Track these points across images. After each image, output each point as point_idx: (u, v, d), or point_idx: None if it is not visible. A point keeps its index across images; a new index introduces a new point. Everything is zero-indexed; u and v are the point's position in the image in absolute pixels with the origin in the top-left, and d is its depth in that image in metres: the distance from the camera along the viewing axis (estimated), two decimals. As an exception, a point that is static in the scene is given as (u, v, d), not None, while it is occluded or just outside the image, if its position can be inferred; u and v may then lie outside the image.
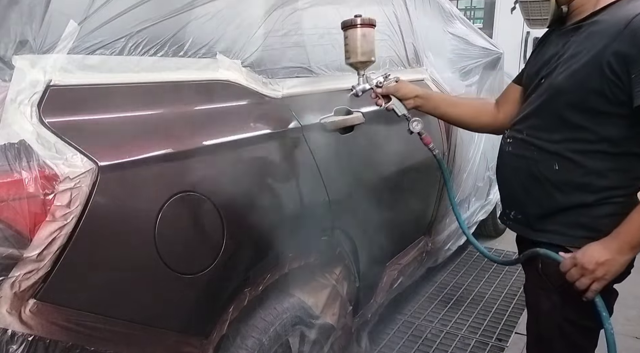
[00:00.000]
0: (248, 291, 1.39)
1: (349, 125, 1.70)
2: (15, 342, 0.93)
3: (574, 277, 1.28)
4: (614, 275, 1.24)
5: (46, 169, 0.93)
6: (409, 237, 2.36)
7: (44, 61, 1.00)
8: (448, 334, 2.58)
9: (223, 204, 1.24)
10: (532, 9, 1.40)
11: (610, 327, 1.27)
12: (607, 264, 1.23)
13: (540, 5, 1.37)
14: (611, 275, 1.24)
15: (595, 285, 1.25)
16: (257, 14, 1.48)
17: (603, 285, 1.25)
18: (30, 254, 0.92)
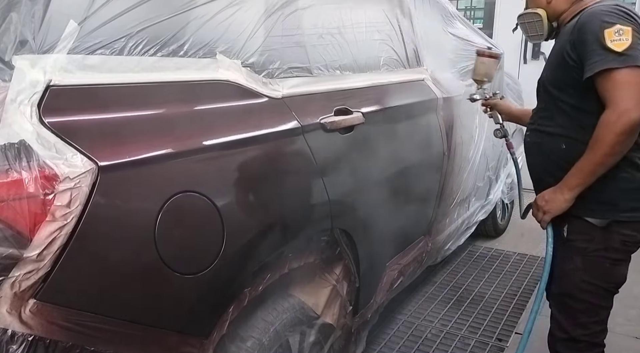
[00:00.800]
0: (248, 291, 1.39)
1: (349, 125, 1.70)
2: (15, 342, 0.93)
3: (533, 212, 1.76)
4: (557, 209, 1.63)
5: (46, 169, 0.93)
6: (409, 237, 2.36)
7: (44, 61, 1.00)
8: (448, 334, 2.58)
9: (223, 204, 1.24)
10: (530, 28, 1.76)
11: (550, 249, 1.75)
12: (550, 200, 1.64)
13: (536, 24, 1.73)
14: (554, 208, 1.63)
15: (545, 217, 1.68)
16: (257, 14, 1.48)
17: (550, 217, 1.67)
18: (30, 254, 0.92)
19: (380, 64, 2.06)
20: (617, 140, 1.46)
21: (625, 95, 1.44)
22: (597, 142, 1.49)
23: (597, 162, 1.51)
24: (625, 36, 1.44)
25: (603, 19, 1.47)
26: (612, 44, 1.44)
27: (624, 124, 1.43)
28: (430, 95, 2.33)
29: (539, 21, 1.71)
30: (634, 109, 1.42)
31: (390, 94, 2.05)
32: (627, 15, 1.49)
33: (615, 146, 1.47)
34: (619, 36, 1.44)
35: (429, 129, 2.30)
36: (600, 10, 1.51)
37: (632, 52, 1.44)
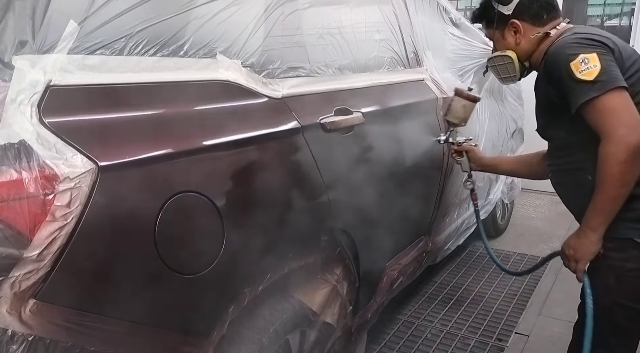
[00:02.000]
0: (248, 291, 1.39)
1: (349, 125, 1.70)
2: (15, 342, 0.93)
3: (565, 264, 1.60)
4: (589, 254, 1.51)
5: (46, 168, 0.93)
6: (409, 237, 2.36)
7: (44, 61, 1.00)
8: (448, 334, 2.58)
9: (223, 204, 1.24)
10: (501, 70, 1.76)
11: (590, 301, 1.54)
12: (577, 247, 1.53)
13: (507, 66, 1.73)
14: (585, 254, 1.52)
15: (578, 266, 1.54)
16: (257, 14, 1.48)
17: (584, 264, 1.53)
18: (30, 254, 0.92)
19: (380, 64, 2.06)
20: (623, 170, 1.39)
21: (614, 122, 1.39)
22: (604, 178, 1.42)
23: (611, 197, 1.43)
24: (592, 63, 1.42)
25: (566, 53, 1.47)
26: (582, 75, 1.42)
27: (624, 152, 1.37)
28: (430, 95, 2.33)
29: (510, 63, 1.72)
30: (629, 133, 1.37)
31: (390, 94, 2.05)
32: (589, 42, 1.48)
33: (623, 176, 1.40)
34: (585, 65, 1.42)
35: (429, 129, 2.30)
36: (562, 45, 1.51)
37: (604, 76, 1.41)
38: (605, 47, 1.47)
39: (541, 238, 3.71)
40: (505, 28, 1.71)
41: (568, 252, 1.56)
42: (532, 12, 1.68)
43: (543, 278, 3.15)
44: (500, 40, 1.75)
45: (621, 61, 1.48)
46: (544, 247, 3.59)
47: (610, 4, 4.99)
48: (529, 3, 1.68)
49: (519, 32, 1.68)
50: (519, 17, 1.68)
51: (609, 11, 5.04)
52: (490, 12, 1.75)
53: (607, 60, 1.44)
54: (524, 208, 4.26)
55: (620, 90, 1.41)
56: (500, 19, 1.71)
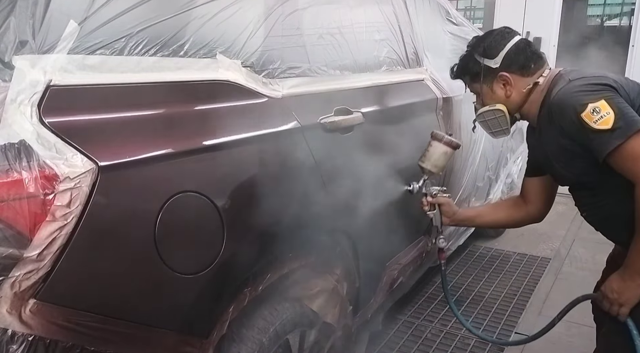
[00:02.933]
0: (248, 291, 1.39)
1: (349, 125, 1.70)
2: (15, 342, 0.93)
3: (606, 307, 1.53)
4: (635, 298, 1.45)
5: (46, 168, 0.93)
6: (409, 237, 2.36)
7: (44, 61, 1.00)
8: (448, 334, 2.58)
9: (223, 204, 1.24)
10: (492, 124, 1.69)
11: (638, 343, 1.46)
12: (622, 290, 1.46)
13: (499, 120, 1.66)
14: (631, 298, 1.46)
15: (622, 309, 1.48)
16: (257, 14, 1.48)
17: (629, 308, 1.47)
18: (30, 254, 0.92)
19: (380, 64, 2.06)
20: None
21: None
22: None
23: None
24: (604, 111, 1.38)
25: (572, 105, 1.42)
26: (598, 125, 1.38)
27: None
28: (430, 95, 2.33)
29: (501, 116, 1.66)
30: None
31: (390, 94, 2.05)
32: (591, 88, 1.44)
33: None
34: (598, 114, 1.38)
35: (429, 129, 2.30)
36: (565, 97, 1.46)
37: (621, 122, 1.37)
38: (610, 89, 1.43)
39: (541, 238, 3.70)
40: (494, 81, 1.65)
41: (612, 295, 1.50)
42: (520, 63, 1.63)
43: (543, 278, 3.15)
44: (489, 94, 1.68)
45: (627, 97, 1.45)
46: (544, 247, 3.59)
47: (610, 4, 4.99)
48: (515, 54, 1.63)
49: (508, 85, 1.63)
50: (507, 70, 1.63)
51: (609, 11, 5.05)
52: (474, 66, 1.69)
53: (618, 103, 1.39)
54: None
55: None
56: (487, 73, 1.66)
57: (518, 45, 1.64)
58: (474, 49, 1.70)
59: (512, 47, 1.63)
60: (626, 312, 1.48)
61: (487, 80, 1.66)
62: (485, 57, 1.65)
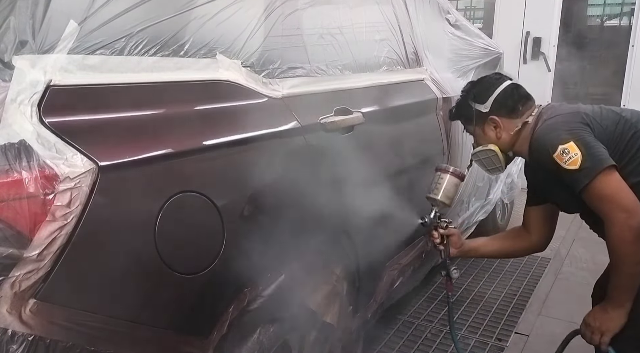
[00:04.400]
0: (248, 291, 1.39)
1: (349, 125, 1.70)
2: (15, 341, 0.93)
3: (587, 336, 1.62)
4: (614, 328, 1.54)
5: (46, 168, 0.93)
6: (409, 237, 2.36)
7: (44, 61, 1.00)
8: (448, 334, 2.58)
9: (223, 204, 1.24)
10: (487, 163, 1.80)
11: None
12: (604, 320, 1.56)
13: (492, 159, 1.77)
14: (611, 327, 1.54)
15: (604, 338, 1.56)
16: (257, 14, 1.48)
17: (609, 337, 1.55)
18: (30, 254, 0.92)
19: (380, 64, 2.06)
20: (633, 250, 1.44)
21: (612, 206, 1.45)
22: (617, 259, 1.48)
23: (628, 274, 1.48)
24: (572, 152, 1.47)
25: (545, 147, 1.53)
26: (567, 165, 1.48)
27: (629, 234, 1.42)
28: (430, 95, 2.33)
29: (494, 156, 1.76)
30: (630, 217, 1.42)
31: (390, 94, 2.05)
32: (562, 126, 1.54)
33: (635, 255, 1.44)
34: (567, 155, 1.48)
35: (429, 129, 2.30)
36: (539, 138, 1.58)
37: (588, 162, 1.46)
38: (580, 127, 1.52)
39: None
40: (485, 124, 1.77)
41: (594, 323, 1.58)
42: (509, 107, 1.74)
43: (543, 278, 3.15)
44: (481, 136, 1.80)
45: (600, 129, 1.53)
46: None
47: (610, 4, 4.99)
48: (503, 99, 1.74)
49: (498, 127, 1.74)
50: (497, 113, 1.74)
51: (609, 11, 5.05)
52: (467, 110, 1.81)
53: (586, 143, 1.48)
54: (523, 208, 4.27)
55: (608, 171, 1.46)
56: (478, 117, 1.77)
57: (506, 90, 1.76)
58: (467, 95, 1.83)
59: (501, 92, 1.75)
60: (607, 341, 1.57)
61: (479, 123, 1.78)
62: (476, 102, 1.78)
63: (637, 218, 1.41)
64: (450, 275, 1.96)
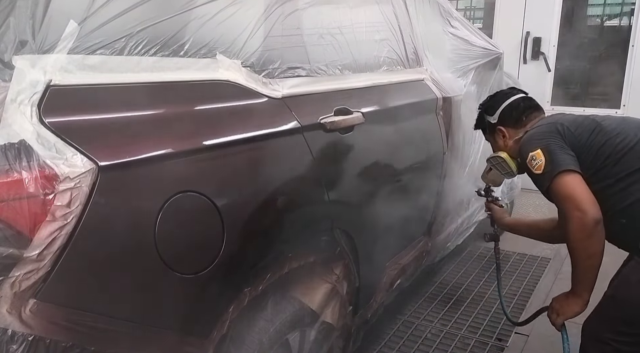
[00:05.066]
0: (248, 291, 1.39)
1: (349, 125, 1.70)
2: (15, 341, 0.93)
3: (548, 313, 1.82)
4: (570, 313, 1.72)
5: (46, 168, 0.93)
6: (409, 237, 2.36)
7: (44, 61, 1.00)
8: (448, 334, 2.58)
9: (223, 204, 1.24)
10: (500, 168, 2.01)
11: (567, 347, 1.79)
12: (563, 304, 1.74)
13: (502, 164, 1.99)
14: (567, 312, 1.72)
15: (558, 319, 1.76)
16: (257, 14, 1.48)
17: (562, 319, 1.75)
18: (30, 254, 0.92)
19: (380, 64, 2.06)
20: (586, 245, 1.58)
21: (568, 206, 1.60)
22: (572, 253, 1.63)
23: (583, 267, 1.62)
24: (539, 159, 1.67)
25: (523, 155, 1.75)
26: (535, 170, 1.68)
27: (582, 231, 1.56)
28: (430, 95, 2.33)
29: (503, 161, 1.97)
30: (582, 215, 1.55)
31: (390, 94, 2.05)
32: (536, 136, 1.73)
33: (587, 250, 1.58)
34: (534, 161, 1.68)
35: (429, 128, 2.30)
36: (521, 148, 1.78)
37: (549, 167, 1.64)
38: (552, 136, 1.69)
39: (541, 238, 3.70)
40: (495, 134, 2.00)
41: (555, 305, 1.78)
42: (514, 118, 1.94)
43: (543, 278, 3.14)
44: (494, 144, 2.04)
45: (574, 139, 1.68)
46: (544, 246, 3.58)
47: (610, 4, 4.99)
48: (509, 111, 1.95)
49: (505, 136, 1.96)
50: (503, 124, 1.96)
51: (609, 11, 5.04)
52: (482, 122, 2.08)
53: (551, 150, 1.65)
54: (523, 208, 4.26)
55: (566, 173, 1.61)
56: (490, 127, 2.02)
57: (512, 103, 1.96)
58: (482, 107, 2.08)
59: (507, 105, 1.96)
60: (560, 323, 1.76)
61: (491, 133, 2.03)
62: (487, 115, 2.02)
63: (589, 217, 1.54)
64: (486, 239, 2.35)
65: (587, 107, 4.73)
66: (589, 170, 1.64)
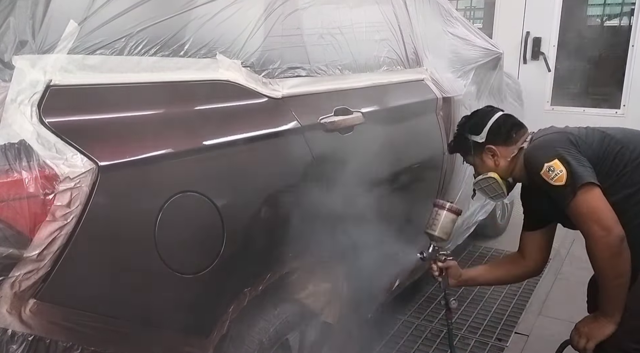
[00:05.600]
0: (248, 291, 1.39)
1: (349, 125, 1.70)
2: (15, 341, 0.93)
3: (574, 340, 1.69)
4: (600, 336, 1.61)
5: (46, 168, 0.93)
6: (409, 236, 2.36)
7: (44, 61, 1.00)
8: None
9: (223, 204, 1.24)
10: (489, 190, 1.86)
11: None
12: (593, 326, 1.64)
13: (493, 186, 1.83)
14: (598, 335, 1.62)
15: (589, 344, 1.64)
16: (257, 14, 1.48)
17: (594, 343, 1.63)
18: (30, 254, 0.92)
19: (380, 64, 2.06)
20: (612, 264, 1.51)
21: (591, 224, 1.52)
22: (599, 273, 1.56)
23: (611, 286, 1.55)
24: (558, 169, 1.55)
25: (533, 165, 1.63)
26: (554, 181, 1.55)
27: (607, 251, 1.49)
28: (430, 95, 2.33)
29: (494, 183, 1.83)
30: (606, 234, 1.48)
31: (390, 94, 2.05)
32: (547, 144, 1.63)
33: (614, 269, 1.51)
34: (553, 173, 1.56)
35: (429, 128, 2.30)
36: (528, 158, 1.68)
37: (573, 179, 1.52)
38: (566, 144, 1.60)
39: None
40: (483, 153, 1.84)
41: (583, 329, 1.66)
42: (503, 135, 1.82)
43: (543, 278, 3.14)
44: (480, 165, 1.87)
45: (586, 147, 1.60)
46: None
47: (610, 4, 4.99)
48: (497, 129, 1.82)
49: (496, 155, 1.82)
50: (493, 142, 1.81)
51: (609, 11, 5.04)
52: (465, 143, 1.89)
53: (571, 160, 1.55)
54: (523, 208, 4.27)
55: (588, 187, 1.52)
56: (476, 147, 1.85)
57: (498, 120, 1.84)
58: (462, 128, 1.92)
59: (494, 122, 1.83)
60: (592, 347, 1.64)
61: (477, 153, 1.86)
62: (472, 134, 1.86)
63: (613, 236, 1.48)
64: (450, 306, 1.98)
65: (587, 107, 4.74)
66: (608, 180, 1.57)
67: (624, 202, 1.55)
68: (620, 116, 4.54)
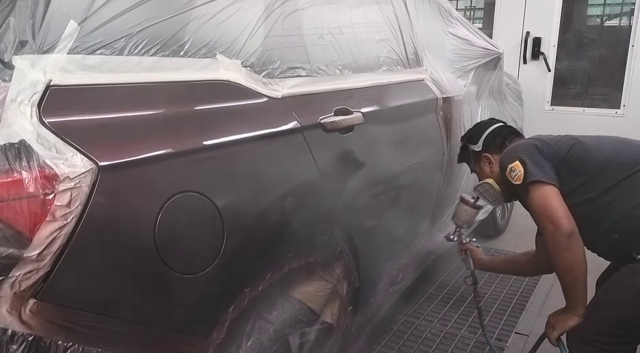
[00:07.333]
0: (248, 291, 1.39)
1: (349, 125, 1.70)
2: (15, 341, 0.93)
3: (547, 331, 1.84)
4: (566, 327, 1.75)
5: (46, 168, 0.93)
6: (409, 236, 2.36)
7: (44, 61, 1.00)
8: (448, 334, 2.58)
9: (223, 204, 1.24)
10: (487, 195, 2.05)
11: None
12: (559, 318, 1.78)
13: (490, 191, 2.02)
14: (561, 326, 1.76)
15: (554, 333, 1.80)
16: (257, 14, 1.48)
17: (558, 333, 1.78)
18: (30, 254, 0.92)
19: (380, 64, 2.06)
20: (564, 258, 1.62)
21: (542, 219, 1.65)
22: (554, 268, 1.68)
23: (567, 280, 1.66)
24: (517, 169, 1.72)
25: (503, 168, 1.81)
26: (515, 181, 1.73)
27: (556, 245, 1.61)
28: (430, 95, 2.33)
29: (490, 188, 2.00)
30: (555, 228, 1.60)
31: (390, 94, 2.05)
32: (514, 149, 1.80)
33: (565, 262, 1.62)
34: (513, 172, 1.73)
35: (429, 128, 2.30)
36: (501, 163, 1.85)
37: (527, 178, 1.68)
38: (528, 149, 1.75)
39: (541, 238, 3.70)
40: (480, 161, 2.07)
41: (551, 320, 1.82)
42: (497, 145, 2.02)
43: (543, 278, 3.14)
44: (480, 172, 2.10)
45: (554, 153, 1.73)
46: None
47: (610, 4, 4.99)
48: (492, 138, 2.04)
49: (491, 163, 2.02)
50: (488, 151, 2.03)
51: (609, 11, 5.04)
52: (466, 153, 2.15)
53: (528, 162, 1.69)
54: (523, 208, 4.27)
55: (541, 185, 1.65)
56: (475, 156, 2.09)
57: (494, 130, 2.06)
58: (465, 138, 2.17)
59: (490, 132, 2.05)
60: (555, 336, 1.79)
61: (476, 161, 2.09)
62: (470, 144, 2.11)
63: (561, 230, 1.59)
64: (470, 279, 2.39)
65: (587, 107, 4.73)
66: (571, 183, 1.68)
67: (585, 206, 1.65)
68: (620, 116, 4.54)
